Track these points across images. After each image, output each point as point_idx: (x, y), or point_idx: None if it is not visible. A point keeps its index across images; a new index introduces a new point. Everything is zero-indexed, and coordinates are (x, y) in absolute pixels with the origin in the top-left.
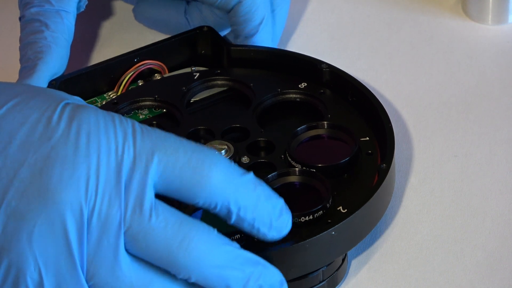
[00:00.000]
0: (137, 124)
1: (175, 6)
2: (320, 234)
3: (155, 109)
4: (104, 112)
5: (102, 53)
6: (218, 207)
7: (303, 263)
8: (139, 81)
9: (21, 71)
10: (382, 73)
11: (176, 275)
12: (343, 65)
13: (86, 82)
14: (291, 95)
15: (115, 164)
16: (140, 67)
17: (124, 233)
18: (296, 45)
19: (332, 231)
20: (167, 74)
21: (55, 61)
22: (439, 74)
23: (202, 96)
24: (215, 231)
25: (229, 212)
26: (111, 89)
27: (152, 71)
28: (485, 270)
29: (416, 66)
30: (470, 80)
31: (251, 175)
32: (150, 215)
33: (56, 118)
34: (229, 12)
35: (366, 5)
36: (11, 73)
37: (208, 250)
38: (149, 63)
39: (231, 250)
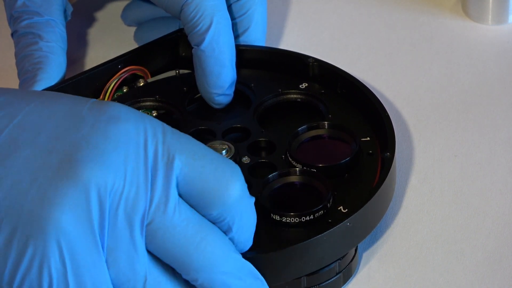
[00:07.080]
0: (166, 125)
1: (175, 24)
2: (336, 226)
3: None
4: (135, 109)
5: (86, 60)
6: (223, 223)
7: (321, 256)
8: (124, 87)
9: (21, 84)
10: (382, 73)
11: (183, 275)
12: (344, 65)
13: (72, 92)
14: (291, 95)
15: (144, 158)
16: (124, 73)
17: (145, 227)
18: (297, 45)
19: (347, 222)
20: (166, 75)
21: (53, 70)
22: (439, 74)
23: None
24: (227, 237)
25: (227, 230)
26: (97, 97)
27: (135, 77)
28: (485, 270)
29: (416, 66)
30: (470, 80)
31: (253, 198)
32: (174, 212)
33: (86, 111)
34: (180, 17)
35: (366, 5)
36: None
37: (222, 255)
38: (132, 69)
39: (239, 259)
